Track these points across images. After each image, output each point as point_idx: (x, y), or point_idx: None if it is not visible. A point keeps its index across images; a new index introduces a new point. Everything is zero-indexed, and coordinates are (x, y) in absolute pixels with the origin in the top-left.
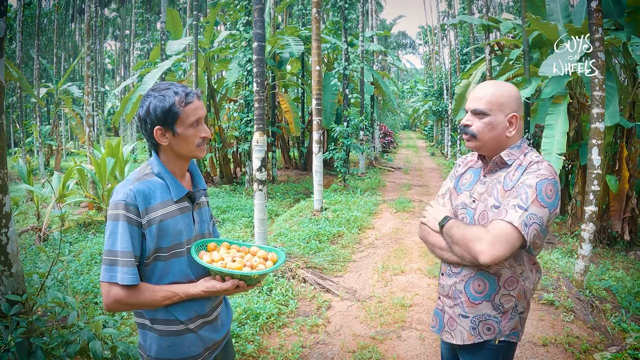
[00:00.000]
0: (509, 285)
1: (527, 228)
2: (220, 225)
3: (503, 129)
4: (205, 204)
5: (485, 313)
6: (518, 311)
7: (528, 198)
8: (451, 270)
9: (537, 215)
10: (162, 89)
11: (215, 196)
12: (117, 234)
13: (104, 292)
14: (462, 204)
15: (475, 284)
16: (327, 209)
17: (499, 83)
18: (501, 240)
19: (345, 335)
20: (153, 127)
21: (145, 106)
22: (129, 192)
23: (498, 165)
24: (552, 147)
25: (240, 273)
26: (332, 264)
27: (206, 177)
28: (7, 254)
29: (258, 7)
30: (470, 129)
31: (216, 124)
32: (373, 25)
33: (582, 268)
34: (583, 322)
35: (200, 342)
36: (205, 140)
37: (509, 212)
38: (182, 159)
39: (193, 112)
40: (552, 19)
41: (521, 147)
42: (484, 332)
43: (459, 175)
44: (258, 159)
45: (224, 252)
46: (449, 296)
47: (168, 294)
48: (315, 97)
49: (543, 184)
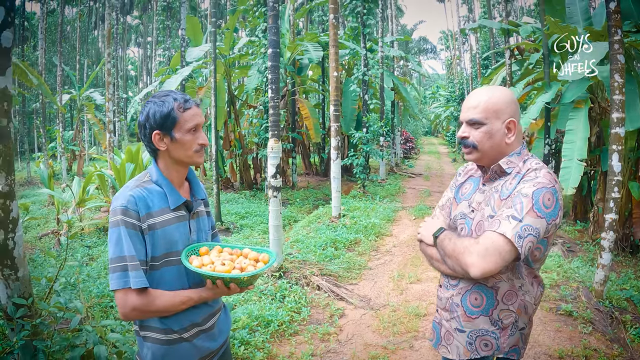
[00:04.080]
0: (507, 299)
1: (521, 240)
2: (238, 231)
3: (502, 136)
4: (205, 214)
5: (482, 328)
6: (519, 327)
7: (523, 208)
8: (449, 282)
9: (532, 226)
10: (161, 96)
11: (234, 202)
12: (122, 240)
13: (119, 301)
14: (461, 214)
15: (472, 297)
16: (345, 215)
17: (492, 88)
18: (492, 252)
19: (357, 344)
20: (152, 132)
21: (145, 112)
22: (130, 198)
23: (497, 173)
24: (573, 152)
25: (229, 276)
26: (348, 271)
27: (226, 183)
28: (14, 259)
29: (272, 14)
30: (469, 141)
31: (236, 130)
32: (393, 31)
33: (601, 278)
34: (602, 333)
35: (194, 351)
36: (203, 147)
37: (502, 223)
38: (180, 166)
39: (191, 118)
40: (572, 21)
41: (521, 154)
42: (481, 348)
43: (459, 184)
44: (273, 165)
45: (215, 255)
46: (446, 309)
47: (184, 299)
48: (333, 103)
49: (540, 192)
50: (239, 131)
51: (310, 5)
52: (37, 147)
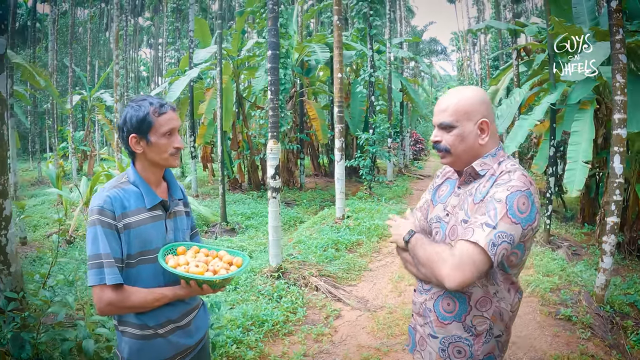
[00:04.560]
0: (481, 305)
1: (494, 248)
2: (243, 232)
3: (475, 137)
4: (183, 214)
5: (455, 334)
6: (494, 334)
7: (497, 214)
8: (422, 286)
9: (507, 233)
10: (138, 100)
11: (241, 203)
12: (98, 239)
13: (95, 297)
14: (437, 217)
15: (444, 302)
16: (349, 217)
17: (462, 89)
18: (466, 263)
19: (350, 345)
20: (129, 135)
21: (123, 116)
22: (106, 198)
23: (472, 176)
24: (578, 154)
25: (201, 278)
26: (347, 272)
27: (234, 183)
28: (7, 254)
29: (272, 15)
30: (441, 145)
31: (244, 131)
32: (402, 32)
33: (602, 282)
34: (601, 339)
35: (170, 347)
36: (178, 151)
37: (475, 232)
38: (157, 167)
39: (166, 123)
40: (579, 21)
41: (496, 155)
42: (454, 355)
43: (436, 186)
44: (272, 166)
45: (191, 256)
46: (420, 314)
47: (158, 296)
48: (337, 105)
49: (514, 197)
50: (247, 132)
51: (318, 6)
52: (48, 147)
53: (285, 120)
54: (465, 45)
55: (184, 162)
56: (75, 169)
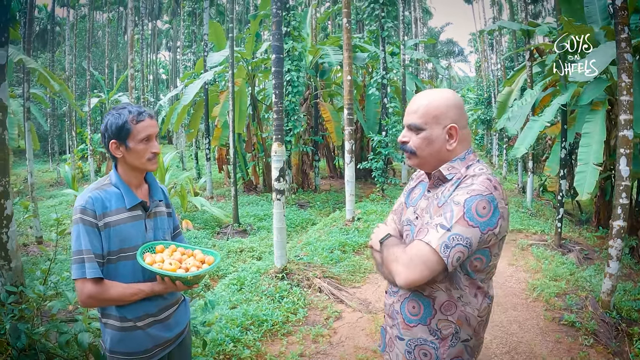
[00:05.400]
0: (446, 309)
1: (447, 250)
2: (255, 233)
3: (442, 142)
4: (165, 214)
5: (420, 337)
6: (461, 338)
7: (453, 216)
8: (391, 289)
9: (462, 235)
10: (119, 108)
11: (255, 204)
12: (80, 236)
13: (78, 290)
14: (407, 220)
15: (410, 305)
16: (360, 219)
17: (435, 92)
18: (417, 262)
19: (347, 347)
20: (109, 141)
21: (104, 123)
22: (88, 199)
23: (440, 179)
24: (589, 156)
25: (174, 275)
26: (352, 274)
27: (249, 185)
28: (7, 251)
29: (275, 20)
30: (408, 146)
31: (258, 133)
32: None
33: (609, 287)
34: (604, 346)
35: (148, 339)
36: (155, 156)
37: (429, 232)
38: (136, 171)
39: (144, 129)
40: (591, 21)
41: (465, 159)
42: (419, 357)
43: (409, 189)
44: (276, 169)
45: (167, 254)
46: (389, 316)
47: (135, 290)
48: (347, 107)
49: (473, 200)
50: (261, 134)
51: (333, 8)
52: (67, 149)
53: (298, 122)
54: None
55: (199, 163)
56: (93, 170)
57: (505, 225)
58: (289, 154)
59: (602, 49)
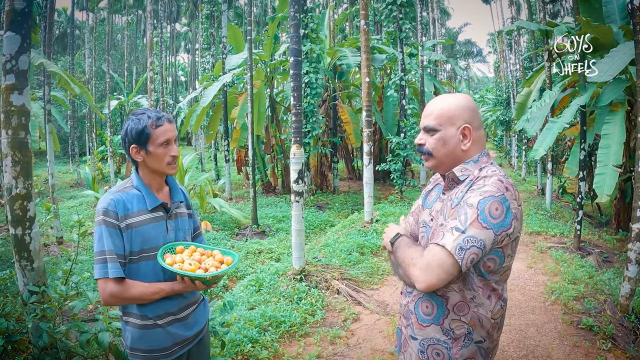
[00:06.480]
0: (458, 310)
1: (462, 252)
2: (273, 235)
3: (457, 142)
4: (186, 215)
5: (433, 337)
6: (474, 340)
7: (467, 219)
8: (406, 289)
9: (476, 237)
10: (138, 114)
11: (274, 206)
12: (102, 237)
13: (100, 289)
14: (423, 222)
15: (423, 305)
16: (378, 220)
17: (449, 96)
18: (434, 266)
19: (365, 349)
20: (129, 146)
21: (124, 128)
22: (110, 201)
23: (454, 181)
24: (608, 158)
25: (193, 275)
26: (370, 276)
27: (268, 187)
28: (30, 252)
29: (293, 23)
30: (425, 148)
31: (277, 135)
32: (436, 34)
33: (627, 291)
34: (622, 351)
35: (168, 337)
36: (175, 159)
37: (445, 235)
38: (157, 174)
39: (163, 134)
40: (610, 20)
41: (478, 161)
42: (432, 357)
43: (427, 191)
44: (295, 170)
45: (187, 254)
46: (404, 316)
47: (156, 290)
48: (365, 109)
49: (486, 202)
50: (279, 136)
51: (350, 10)
52: (88, 151)
53: (317, 124)
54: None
55: (218, 165)
56: (112, 171)
57: (518, 226)
58: (307, 156)
59: (621, 49)
